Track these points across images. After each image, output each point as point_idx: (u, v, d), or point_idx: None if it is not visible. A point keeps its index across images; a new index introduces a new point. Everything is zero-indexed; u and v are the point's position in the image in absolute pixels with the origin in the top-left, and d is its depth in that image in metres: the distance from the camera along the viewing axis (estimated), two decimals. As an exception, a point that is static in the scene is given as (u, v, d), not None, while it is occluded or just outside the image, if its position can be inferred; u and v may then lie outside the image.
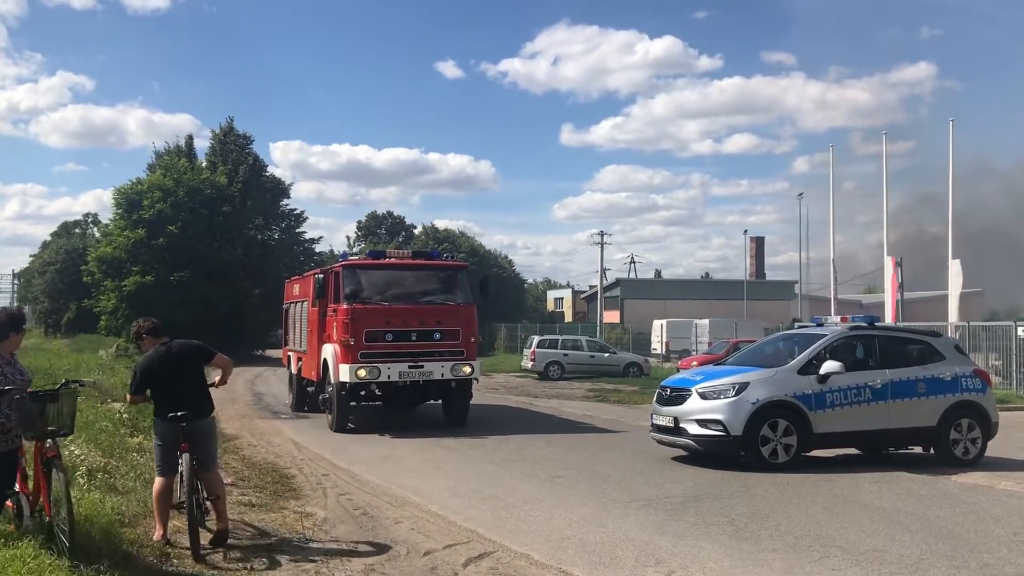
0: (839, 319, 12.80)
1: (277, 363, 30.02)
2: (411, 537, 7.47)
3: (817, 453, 11.65)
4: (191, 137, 54.39)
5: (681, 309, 53.40)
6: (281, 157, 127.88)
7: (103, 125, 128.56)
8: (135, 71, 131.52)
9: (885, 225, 33.04)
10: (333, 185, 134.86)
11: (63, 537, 5.61)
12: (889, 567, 6.58)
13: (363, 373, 14.78)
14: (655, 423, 12.00)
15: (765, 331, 33.26)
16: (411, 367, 15.01)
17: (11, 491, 6.12)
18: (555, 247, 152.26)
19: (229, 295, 42.64)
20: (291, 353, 20.21)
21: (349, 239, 75.80)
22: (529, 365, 32.92)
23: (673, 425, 11.51)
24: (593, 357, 33.26)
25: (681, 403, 11.49)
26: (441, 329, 15.27)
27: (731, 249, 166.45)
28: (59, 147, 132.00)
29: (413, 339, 15.12)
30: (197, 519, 6.61)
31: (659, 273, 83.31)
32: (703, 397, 11.26)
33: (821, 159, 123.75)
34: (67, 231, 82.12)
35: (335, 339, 15.34)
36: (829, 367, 11.19)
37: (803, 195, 44.92)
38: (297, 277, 21.49)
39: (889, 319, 28.70)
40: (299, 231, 55.12)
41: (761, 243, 76.89)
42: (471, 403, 16.24)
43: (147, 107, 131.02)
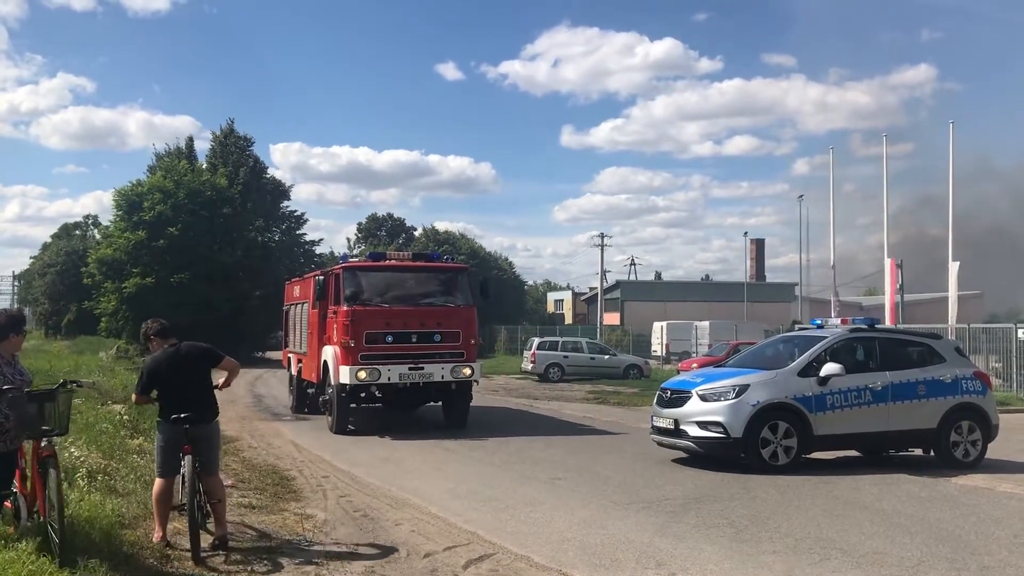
0: (839, 321, 12.81)
1: (277, 365, 30.00)
2: (411, 539, 7.47)
3: (817, 455, 11.66)
4: (191, 139, 54.34)
5: (681, 311, 53.34)
6: (281, 159, 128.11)
7: (103, 127, 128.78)
8: (135, 73, 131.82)
9: (885, 227, 33.12)
10: (333, 187, 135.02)
11: (55, 537, 5.61)
12: (889, 569, 6.59)
13: (363, 375, 14.79)
14: (655, 425, 12.00)
15: (765, 333, 33.28)
16: (411, 369, 15.03)
17: (8, 492, 6.12)
18: (555, 249, 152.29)
19: (229, 297, 42.63)
20: (291, 355, 20.22)
21: (349, 241, 75.94)
22: (529, 367, 32.93)
23: (673, 427, 11.52)
24: (593, 359, 33.25)
25: (681, 405, 11.49)
26: (441, 331, 15.28)
27: (731, 251, 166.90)
28: (59, 149, 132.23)
29: (413, 341, 15.13)
30: (198, 522, 6.60)
31: (659, 275, 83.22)
32: (703, 399, 11.27)
33: (821, 161, 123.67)
34: (67, 233, 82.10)
35: (335, 341, 15.35)
36: (829, 369, 11.19)
37: (803, 197, 44.84)
38: (297, 279, 21.49)
39: (888, 321, 28.72)
40: (299, 233, 55.29)
41: (761, 245, 76.91)
42: (471, 405, 16.26)
43: (147, 109, 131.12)
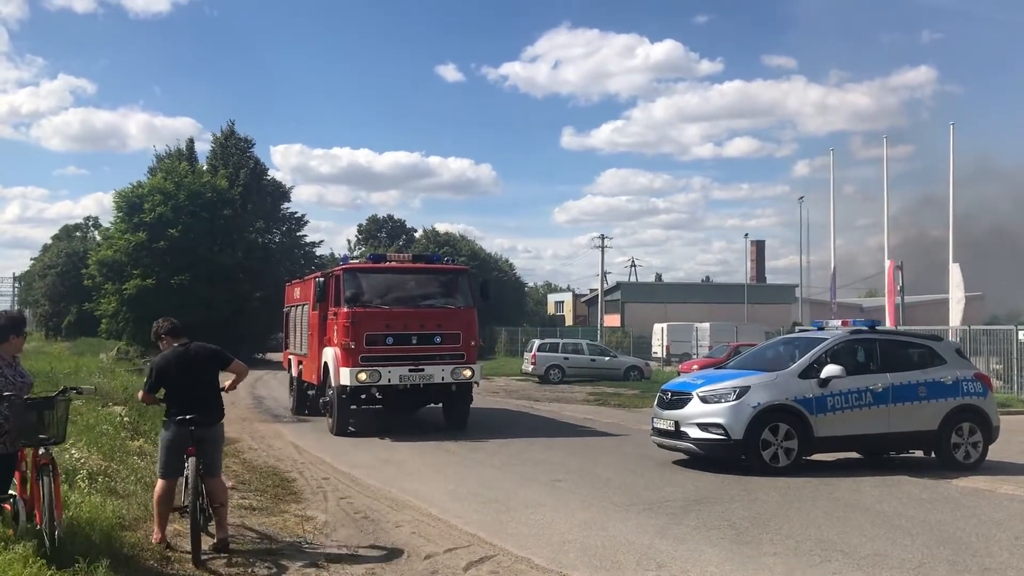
0: (840, 323, 12.79)
1: (278, 366, 29.99)
2: (412, 541, 7.46)
3: (818, 457, 11.66)
4: (192, 140, 54.39)
5: (682, 313, 53.33)
6: (282, 160, 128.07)
7: (104, 128, 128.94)
8: (136, 74, 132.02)
9: (886, 229, 33.13)
10: (334, 189, 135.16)
11: (48, 544, 5.58)
12: (890, 571, 6.58)
13: (363, 377, 14.78)
14: (656, 427, 12.00)
15: (766, 335, 33.27)
16: (411, 371, 15.02)
17: (6, 495, 6.11)
18: (556, 251, 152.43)
19: (230, 298, 42.62)
20: (292, 356, 20.21)
21: (350, 243, 76.00)
22: (530, 369, 32.92)
23: (674, 429, 11.51)
24: (594, 361, 33.23)
25: (682, 407, 11.48)
26: (441, 333, 15.28)
27: (732, 253, 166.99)
28: (60, 150, 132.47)
29: (413, 343, 15.13)
30: (199, 524, 6.59)
31: (660, 277, 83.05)
32: (704, 401, 11.26)
33: (822, 163, 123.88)
34: (68, 234, 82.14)
35: (336, 343, 15.34)
36: (830, 371, 11.18)
37: (804, 199, 44.71)
38: (298, 281, 21.48)
39: (889, 323, 28.72)
40: (300, 234, 55.40)
41: (762, 247, 76.84)
42: (471, 407, 16.26)
43: (148, 110, 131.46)
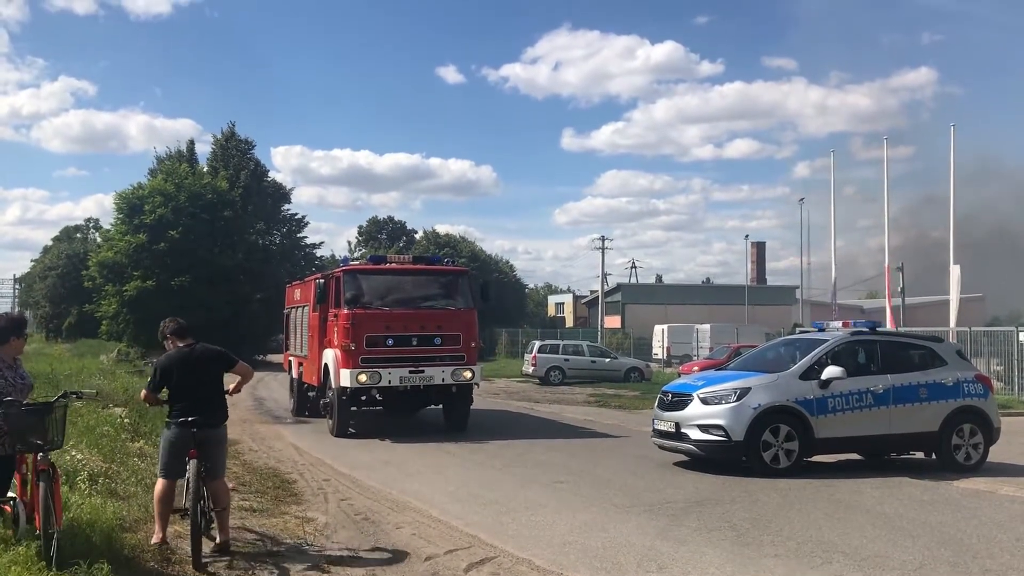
0: (841, 324, 12.80)
1: (278, 368, 29.95)
2: (412, 542, 7.46)
3: (819, 458, 11.66)
4: (192, 142, 54.35)
5: (682, 314, 53.27)
6: (282, 162, 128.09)
7: (104, 130, 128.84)
8: (137, 76, 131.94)
9: (886, 230, 33.13)
10: (334, 190, 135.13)
11: (44, 549, 5.57)
12: (891, 573, 6.57)
13: (364, 378, 14.78)
14: (656, 428, 11.99)
15: (766, 336, 33.26)
16: (412, 372, 15.02)
17: (5, 497, 6.10)
18: (556, 252, 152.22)
19: (230, 300, 42.62)
20: (292, 358, 20.21)
21: (350, 244, 75.97)
22: (530, 370, 32.92)
23: (674, 430, 11.51)
24: (594, 362, 33.23)
25: (683, 408, 11.48)
26: (442, 334, 15.28)
27: (732, 254, 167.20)
28: (60, 152, 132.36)
29: (414, 344, 15.13)
30: (200, 528, 6.55)
31: (660, 278, 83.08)
32: (704, 402, 11.25)
33: (822, 164, 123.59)
34: (68, 236, 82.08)
35: (336, 344, 15.34)
36: (831, 372, 11.18)
37: (804, 200, 44.76)
38: (298, 282, 21.48)
39: (889, 324, 28.71)
40: (300, 236, 55.46)
41: (762, 248, 76.84)
42: (472, 408, 16.26)
43: (148, 112, 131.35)
